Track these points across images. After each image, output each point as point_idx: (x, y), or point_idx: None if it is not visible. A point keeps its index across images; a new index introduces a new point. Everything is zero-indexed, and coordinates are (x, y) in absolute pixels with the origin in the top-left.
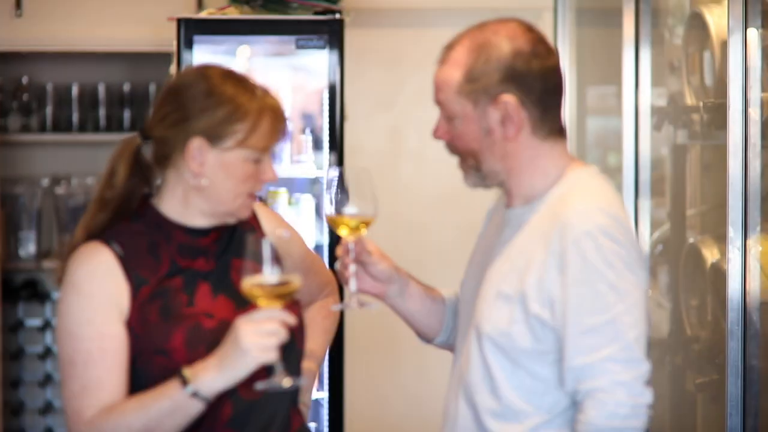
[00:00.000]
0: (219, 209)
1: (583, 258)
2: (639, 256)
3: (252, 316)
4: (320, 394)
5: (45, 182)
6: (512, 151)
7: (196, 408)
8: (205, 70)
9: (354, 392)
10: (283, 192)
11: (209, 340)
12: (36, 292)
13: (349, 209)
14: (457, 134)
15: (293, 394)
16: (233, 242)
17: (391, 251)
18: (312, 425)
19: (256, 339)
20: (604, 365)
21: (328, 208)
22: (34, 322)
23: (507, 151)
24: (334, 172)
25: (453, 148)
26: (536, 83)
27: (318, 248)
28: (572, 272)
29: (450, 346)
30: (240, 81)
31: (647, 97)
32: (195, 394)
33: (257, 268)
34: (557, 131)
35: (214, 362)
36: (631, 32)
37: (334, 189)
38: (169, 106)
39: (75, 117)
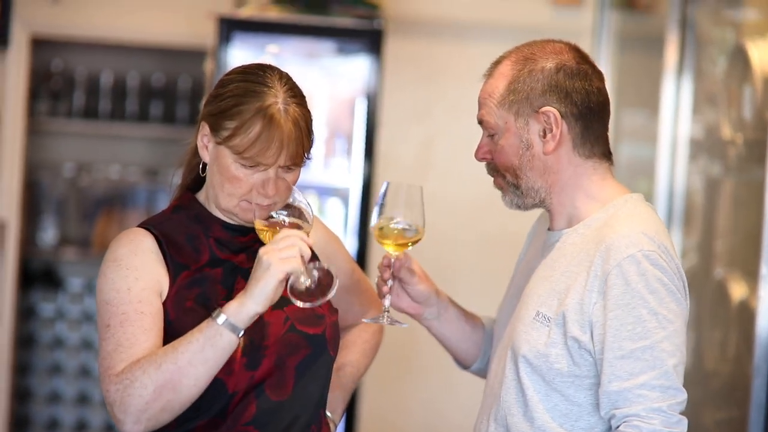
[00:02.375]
0: (219, 205)
1: (625, 282)
2: (683, 285)
3: (272, 242)
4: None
5: (69, 170)
6: (552, 165)
7: (225, 338)
8: (247, 64)
9: (372, 397)
10: (311, 196)
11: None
12: (51, 281)
13: (396, 224)
14: (498, 150)
15: (319, 402)
16: None
17: (419, 262)
18: None
19: (276, 252)
20: (640, 391)
21: (375, 220)
22: (48, 310)
23: (547, 166)
24: (385, 185)
25: (493, 166)
26: (579, 99)
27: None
28: (614, 296)
29: (485, 374)
30: (261, 81)
31: (686, 127)
32: (225, 321)
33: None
34: (601, 153)
35: (241, 293)
36: (674, 61)
37: (383, 201)
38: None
39: (103, 106)
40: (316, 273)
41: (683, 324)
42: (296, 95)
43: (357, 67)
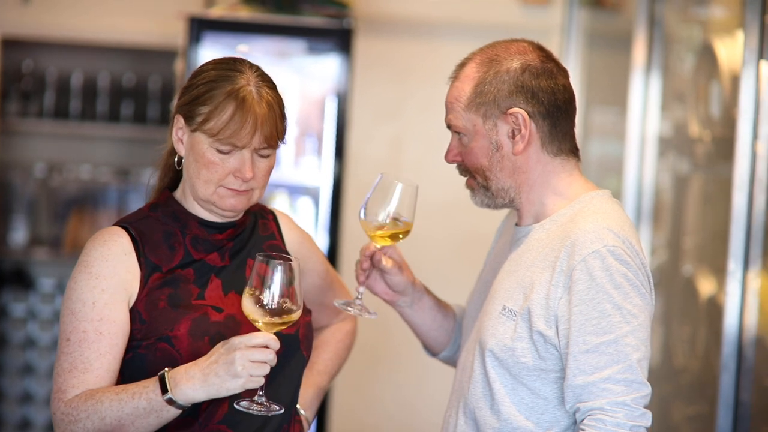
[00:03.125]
0: (197, 195)
1: (590, 277)
2: (647, 280)
3: (249, 340)
4: None
5: (40, 170)
6: (522, 165)
7: (170, 413)
8: (219, 58)
9: (344, 395)
10: (282, 195)
11: (214, 332)
12: (22, 281)
13: (386, 217)
14: (468, 152)
15: (292, 401)
16: (250, 242)
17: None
18: None
19: (249, 366)
20: (605, 385)
21: (364, 211)
22: (19, 310)
23: (517, 166)
24: (379, 177)
25: (463, 167)
26: (545, 98)
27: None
28: (578, 291)
29: (453, 362)
30: (231, 68)
31: (655, 124)
32: (172, 402)
33: (261, 290)
34: (568, 150)
35: (199, 374)
36: (642, 59)
37: (372, 193)
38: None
39: (74, 106)
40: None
41: (648, 319)
42: (267, 81)
43: (327, 67)
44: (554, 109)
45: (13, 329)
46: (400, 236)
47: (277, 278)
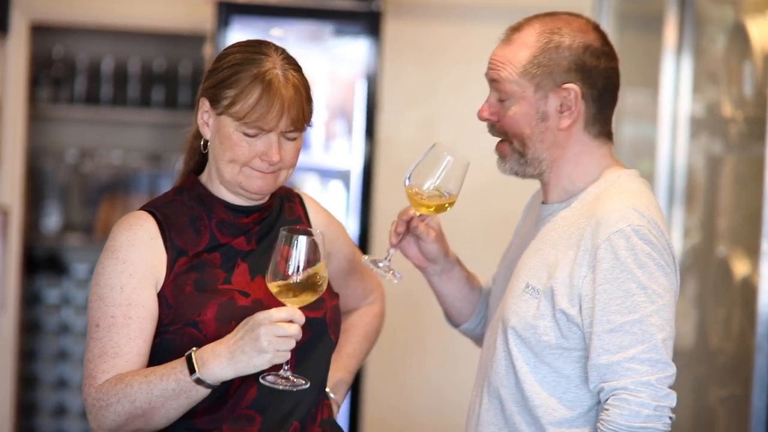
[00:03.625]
0: (223, 177)
1: (614, 256)
2: (672, 260)
3: (274, 315)
4: None
5: (71, 156)
6: (562, 141)
7: (200, 393)
8: (244, 40)
9: (375, 380)
10: (313, 179)
11: (241, 316)
12: (56, 267)
13: (428, 185)
14: (509, 115)
15: (321, 386)
16: (277, 226)
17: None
18: None
19: (275, 341)
20: (629, 365)
21: (410, 176)
22: (53, 296)
23: (557, 141)
24: (432, 146)
25: (499, 129)
26: (600, 80)
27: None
28: (603, 270)
29: (475, 335)
30: (257, 51)
31: (686, 105)
32: (200, 381)
33: (285, 263)
34: (606, 133)
35: (225, 352)
36: (673, 39)
37: (422, 161)
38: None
39: (105, 92)
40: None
41: (672, 298)
42: (293, 63)
43: (357, 50)
44: (605, 93)
45: (48, 315)
46: (446, 207)
47: (301, 251)
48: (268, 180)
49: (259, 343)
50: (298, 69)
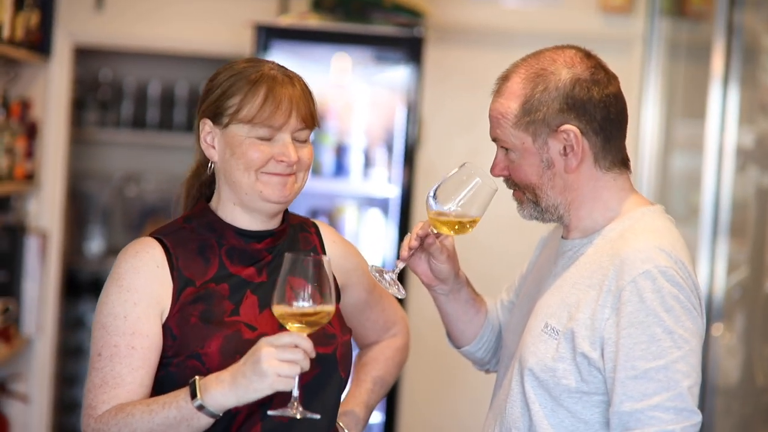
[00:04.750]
0: (241, 190)
1: (640, 299)
2: (699, 302)
3: (277, 340)
4: (375, 417)
5: (117, 180)
6: (573, 183)
7: (202, 421)
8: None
9: (409, 417)
10: (351, 206)
11: (246, 350)
12: (99, 291)
13: (451, 206)
14: (516, 168)
15: (329, 425)
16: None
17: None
18: None
19: (276, 365)
20: (653, 413)
21: (434, 193)
22: None
23: (568, 184)
24: (462, 165)
25: (511, 182)
26: (597, 112)
27: (385, 264)
28: (627, 313)
29: (476, 358)
30: (250, 63)
31: (733, 136)
32: (202, 408)
33: (292, 291)
34: (620, 162)
35: (228, 378)
36: (720, 68)
37: (449, 179)
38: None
39: (151, 115)
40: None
41: (699, 344)
42: (290, 70)
43: (397, 76)
44: (607, 123)
45: (90, 339)
46: (466, 229)
47: (306, 276)
48: (288, 183)
49: (260, 366)
50: (296, 74)
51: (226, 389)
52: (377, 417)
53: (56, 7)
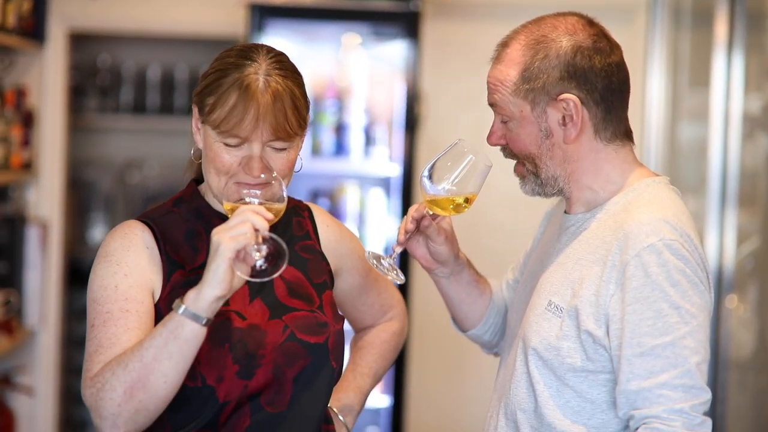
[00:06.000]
0: (211, 188)
1: (645, 273)
2: (706, 276)
3: (226, 224)
4: (383, 401)
5: (118, 166)
6: (573, 154)
7: (189, 329)
8: (241, 45)
9: (417, 401)
10: (353, 186)
11: (236, 339)
12: None
13: (445, 185)
14: (513, 137)
15: (320, 416)
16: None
17: (464, 250)
18: (373, 429)
19: (226, 232)
20: (661, 391)
21: (428, 174)
22: None
23: (568, 155)
24: (455, 142)
25: (509, 152)
26: (599, 81)
27: (388, 246)
28: (632, 288)
29: (483, 342)
30: (245, 56)
31: (739, 103)
32: (184, 311)
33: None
34: (622, 133)
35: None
36: (724, 35)
37: (442, 157)
38: None
39: (152, 100)
40: (265, 248)
41: (707, 318)
42: (283, 69)
43: (395, 53)
44: (609, 93)
45: None
46: (462, 209)
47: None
48: (234, 193)
49: (212, 244)
50: (285, 75)
51: (200, 285)
52: (386, 401)
53: None
